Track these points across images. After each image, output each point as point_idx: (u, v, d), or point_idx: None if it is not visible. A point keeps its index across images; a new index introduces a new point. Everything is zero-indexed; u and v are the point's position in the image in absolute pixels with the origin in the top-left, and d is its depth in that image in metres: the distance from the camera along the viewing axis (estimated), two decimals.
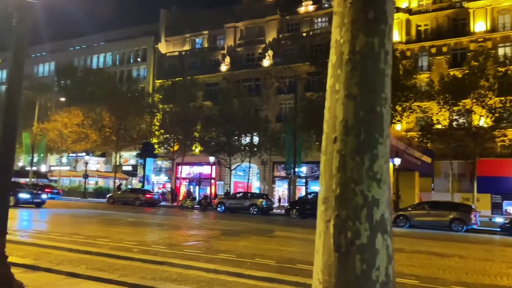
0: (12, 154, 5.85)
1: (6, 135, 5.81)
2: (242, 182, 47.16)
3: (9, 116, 5.86)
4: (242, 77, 50.05)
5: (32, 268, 7.73)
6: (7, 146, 5.78)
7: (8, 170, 5.77)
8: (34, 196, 25.80)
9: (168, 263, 8.89)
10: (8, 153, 5.76)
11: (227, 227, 18.28)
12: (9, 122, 5.83)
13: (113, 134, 45.14)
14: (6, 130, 5.81)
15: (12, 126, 5.84)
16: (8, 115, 5.85)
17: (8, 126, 5.81)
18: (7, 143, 5.79)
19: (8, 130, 5.81)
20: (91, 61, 63.02)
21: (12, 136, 5.86)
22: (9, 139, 5.82)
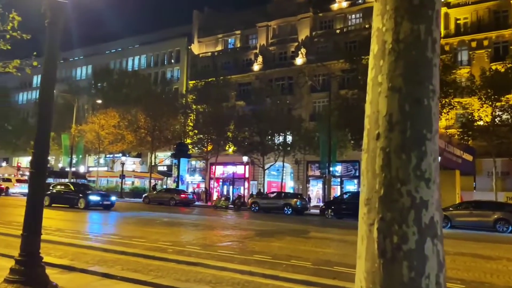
0: (46, 155, 5.82)
1: (40, 136, 5.79)
2: (275, 181, 46.91)
3: (43, 118, 5.83)
4: (275, 76, 49.80)
5: (68, 268, 7.74)
6: (40, 147, 5.76)
7: (42, 171, 5.75)
8: (104, 199, 25.34)
9: (203, 264, 8.76)
10: (41, 154, 5.74)
11: (261, 228, 18.08)
12: (42, 124, 5.81)
13: (148, 135, 45.82)
14: (40, 131, 5.79)
15: (45, 127, 5.82)
16: (41, 116, 5.83)
17: (42, 127, 5.79)
18: (40, 145, 5.77)
19: (42, 132, 5.79)
20: (127, 63, 64.26)
21: (46, 137, 5.84)
22: (42, 140, 5.80)
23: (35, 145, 5.76)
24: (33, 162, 5.73)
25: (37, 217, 5.73)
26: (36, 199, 5.72)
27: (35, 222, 5.70)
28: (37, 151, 5.71)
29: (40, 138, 5.77)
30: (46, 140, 5.82)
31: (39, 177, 5.72)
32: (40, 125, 5.79)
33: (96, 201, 24.61)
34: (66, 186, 27.13)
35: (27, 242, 5.61)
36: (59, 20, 5.87)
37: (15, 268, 5.47)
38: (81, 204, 24.16)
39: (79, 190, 25.88)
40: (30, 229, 5.65)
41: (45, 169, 5.85)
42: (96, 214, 21.46)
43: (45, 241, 10.04)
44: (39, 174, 5.71)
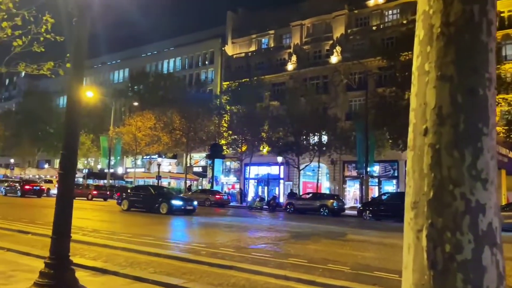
0: (75, 156, 5.70)
1: (69, 137, 5.67)
2: (311, 182, 46.38)
3: (71, 118, 5.72)
4: (309, 75, 49.22)
5: (100, 271, 7.64)
6: (69, 148, 5.63)
7: (70, 172, 5.63)
8: (186, 203, 23.65)
9: (236, 268, 8.50)
10: (70, 155, 5.62)
11: (297, 229, 17.68)
12: (71, 124, 5.69)
13: (184, 136, 46.26)
14: (68, 132, 5.67)
15: (74, 128, 5.69)
16: (69, 117, 5.72)
17: (70, 128, 5.67)
18: (69, 145, 5.65)
19: (70, 132, 5.67)
20: (162, 66, 65.19)
21: (74, 138, 5.72)
22: (71, 141, 5.68)
23: (64, 146, 5.64)
24: (62, 163, 5.62)
25: (67, 219, 5.61)
26: (65, 200, 5.61)
27: (64, 224, 5.59)
28: (66, 152, 5.60)
29: (68, 139, 5.66)
30: (74, 140, 5.70)
31: (67, 178, 5.60)
32: (68, 125, 5.67)
33: (179, 206, 22.91)
34: (146, 190, 25.51)
35: (57, 245, 5.50)
36: (86, 18, 5.75)
37: (44, 271, 5.37)
38: (163, 209, 22.45)
39: (160, 194, 24.28)
40: (60, 231, 5.55)
41: (74, 170, 5.73)
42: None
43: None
44: (67, 175, 5.59)
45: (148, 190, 25.14)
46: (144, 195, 24.28)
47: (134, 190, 26.42)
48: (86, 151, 55.48)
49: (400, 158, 39.83)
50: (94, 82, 70.32)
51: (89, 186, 38.94)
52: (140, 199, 24.12)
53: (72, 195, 5.73)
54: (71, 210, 5.67)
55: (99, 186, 39.66)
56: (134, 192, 25.64)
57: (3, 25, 8.43)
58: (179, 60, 64.08)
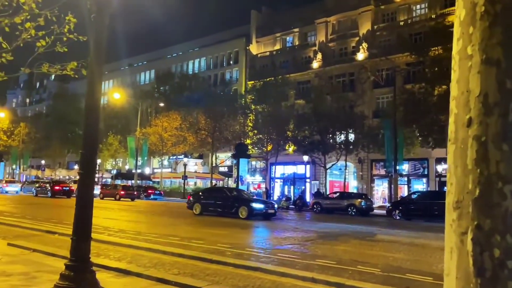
0: (94, 155, 5.56)
1: (88, 136, 5.54)
2: (338, 181, 45.80)
3: (90, 116, 5.58)
4: (335, 73, 48.59)
5: (124, 272, 7.52)
6: (89, 148, 5.50)
7: (90, 172, 5.49)
8: (268, 206, 21.57)
9: (262, 269, 8.25)
10: (90, 154, 5.48)
11: (324, 229, 17.29)
12: (90, 123, 5.56)
13: (209, 136, 46.38)
14: (88, 131, 5.54)
15: (93, 126, 5.56)
16: (89, 115, 5.59)
17: (90, 126, 5.53)
18: (89, 145, 5.52)
19: (89, 131, 5.54)
20: (187, 67, 65.63)
21: (94, 136, 5.58)
22: (91, 140, 5.54)
23: (83, 145, 5.51)
24: (82, 162, 5.48)
25: (87, 220, 5.47)
26: (85, 201, 5.47)
27: (84, 226, 5.45)
28: (86, 152, 5.46)
29: (88, 138, 5.52)
30: (94, 139, 5.56)
31: (87, 178, 5.46)
32: (87, 123, 5.54)
33: (260, 209, 20.78)
34: (221, 192, 24.02)
35: (77, 246, 5.36)
36: (105, 15, 5.60)
37: (65, 273, 5.24)
38: (242, 213, 20.46)
39: (238, 197, 22.31)
40: (80, 233, 5.41)
41: (93, 170, 5.59)
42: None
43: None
44: (87, 175, 5.45)
45: (223, 193, 23.66)
46: (219, 198, 22.37)
47: (207, 192, 24.92)
48: (114, 152, 56.34)
49: (430, 156, 38.81)
50: (121, 84, 71.41)
51: (117, 187, 39.42)
52: (214, 202, 22.25)
53: (92, 195, 5.59)
54: (91, 211, 5.53)
55: (126, 187, 40.10)
56: (207, 194, 23.85)
57: (26, 26, 8.42)
58: (204, 60, 64.36)
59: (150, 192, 43.05)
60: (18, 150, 65.12)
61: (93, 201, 5.61)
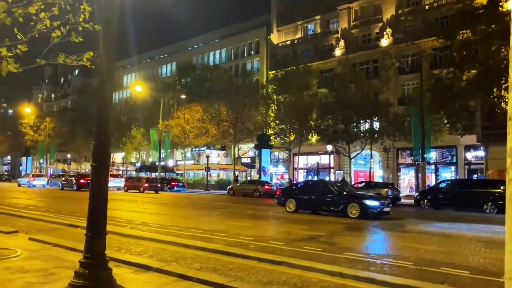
0: (107, 146, 5.24)
1: (101, 126, 5.23)
2: (362, 171, 45.08)
3: (103, 105, 5.28)
4: (358, 60, 47.59)
5: (144, 268, 7.26)
6: (102, 138, 5.20)
7: (104, 164, 5.18)
8: (383, 203, 17.50)
9: (287, 264, 7.88)
10: (103, 145, 5.17)
11: (350, 220, 16.77)
12: (102, 111, 5.25)
13: (231, 127, 46.14)
14: (101, 121, 5.24)
15: (105, 116, 5.24)
16: (101, 103, 5.28)
17: (102, 116, 5.23)
18: (101, 134, 5.22)
19: (102, 120, 5.23)
20: (208, 58, 65.49)
21: (106, 126, 5.26)
22: (103, 129, 5.24)
23: (96, 136, 5.21)
24: (94, 154, 5.19)
25: (101, 215, 5.19)
26: (99, 195, 5.18)
27: (99, 221, 5.18)
28: (98, 143, 5.16)
29: (100, 128, 5.21)
30: (106, 130, 5.25)
31: (101, 170, 5.16)
32: (100, 113, 5.23)
33: (375, 207, 17.10)
34: (321, 186, 19.70)
35: (91, 243, 5.10)
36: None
37: (79, 271, 4.98)
38: (351, 212, 17.16)
39: (346, 193, 18.71)
40: (94, 228, 5.14)
41: (107, 162, 5.29)
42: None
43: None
44: (101, 168, 5.15)
45: (324, 187, 19.28)
46: (320, 193, 18.72)
47: (304, 187, 21.61)
48: (137, 145, 56.77)
49: (458, 143, 37.65)
50: (143, 77, 71.86)
51: (141, 179, 39.63)
52: (315, 198, 18.78)
53: (106, 189, 5.29)
54: (105, 206, 5.24)
55: (150, 179, 40.28)
56: (305, 189, 20.51)
57: (41, 16, 8.18)
58: (225, 51, 64.03)
59: (173, 184, 43.17)
60: (44, 145, 66.34)
61: (107, 195, 5.32)
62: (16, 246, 8.97)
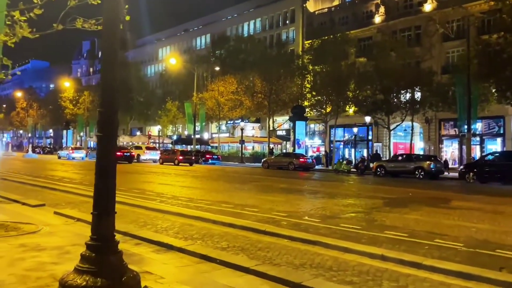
0: (114, 116, 4.58)
1: (106, 92, 4.57)
2: (402, 143, 43.56)
3: (108, 69, 4.60)
4: (399, 27, 45.24)
5: (166, 247, 6.73)
6: (108, 106, 4.55)
7: (111, 134, 4.54)
8: None
9: (322, 243, 7.17)
10: (110, 114, 4.53)
11: (391, 195, 15.84)
12: (107, 77, 4.58)
13: (265, 99, 45.27)
14: (106, 85, 4.58)
15: (111, 80, 4.58)
16: (106, 68, 4.60)
17: (107, 81, 4.56)
18: (108, 102, 4.56)
19: (107, 87, 4.57)
20: (242, 29, 64.35)
21: (113, 92, 4.60)
22: (109, 96, 4.58)
23: (101, 103, 4.57)
24: (100, 123, 4.55)
25: (109, 192, 4.58)
26: (105, 169, 4.56)
27: (107, 198, 4.57)
28: (104, 110, 4.51)
29: (106, 94, 4.56)
30: (113, 96, 4.58)
31: (107, 141, 4.52)
32: (105, 78, 4.57)
33: None
34: None
35: (98, 223, 4.50)
36: None
37: (85, 254, 4.42)
38: None
39: None
40: (101, 206, 4.54)
41: (114, 132, 4.63)
42: None
43: None
44: (107, 138, 4.52)
45: None
46: None
47: None
48: (173, 118, 56.96)
49: (506, 114, 35.48)
50: (177, 50, 71.59)
51: (176, 152, 39.64)
52: None
53: (114, 162, 4.67)
54: (113, 181, 4.62)
55: (184, 152, 40.28)
56: None
57: None
58: (259, 21, 62.60)
59: (208, 157, 43.09)
60: (83, 118, 67.75)
61: (115, 169, 4.70)
62: (38, 221, 8.68)
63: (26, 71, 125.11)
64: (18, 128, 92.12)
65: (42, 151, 70.50)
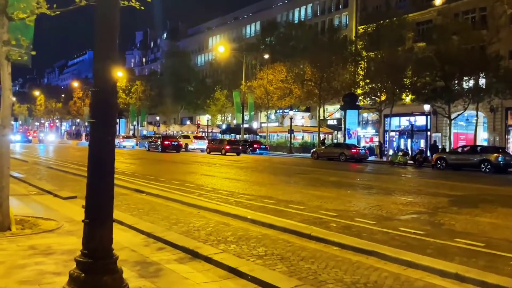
0: (111, 98, 3.54)
1: (100, 66, 3.56)
2: (463, 133, 40.67)
3: (102, 38, 3.58)
4: (462, 9, 41.86)
5: (191, 254, 5.71)
6: (103, 84, 3.54)
7: (107, 122, 3.54)
8: None
9: (378, 254, 5.92)
10: (106, 94, 3.52)
11: (456, 192, 14.09)
12: (102, 47, 3.57)
13: (316, 87, 43.63)
14: (100, 59, 3.57)
15: (107, 52, 3.56)
16: (101, 36, 3.58)
17: (102, 53, 3.55)
18: (102, 81, 3.55)
19: (102, 59, 3.56)
20: (293, 15, 62.80)
21: (109, 68, 3.58)
22: (105, 74, 3.55)
23: (95, 82, 3.57)
24: (94, 105, 3.57)
25: (104, 195, 3.58)
26: (100, 164, 3.56)
27: (100, 202, 3.57)
28: (99, 88, 3.51)
29: (101, 65, 3.54)
30: (109, 72, 3.54)
31: (102, 129, 3.52)
32: (99, 45, 3.55)
33: None
34: None
35: (90, 234, 3.54)
36: None
37: (73, 274, 3.46)
38: None
39: None
40: (93, 213, 3.55)
41: (111, 118, 3.61)
42: None
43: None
44: (103, 126, 3.51)
45: None
46: None
47: None
48: (221, 107, 56.56)
49: None
50: (227, 39, 71.04)
51: (223, 141, 39.03)
52: None
53: (111, 156, 3.66)
54: (110, 179, 3.62)
55: (231, 141, 39.54)
56: None
57: None
58: (311, 7, 60.65)
59: (255, 146, 42.21)
60: (135, 107, 68.97)
61: (113, 164, 3.70)
62: (63, 216, 8.00)
63: (84, 62, 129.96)
64: (75, 117, 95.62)
65: None
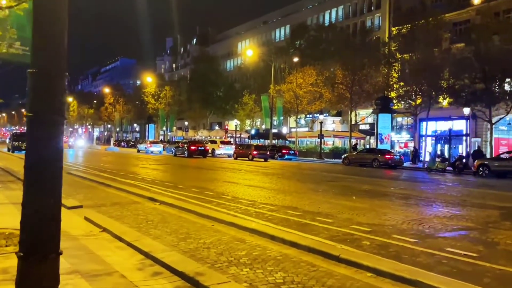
0: (57, 80, 2.56)
1: (40, 36, 2.57)
2: (505, 138, 38.59)
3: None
4: (503, 8, 39.74)
5: (191, 283, 4.70)
6: (43, 61, 2.54)
7: (49, 116, 2.55)
8: None
9: (423, 285, 4.71)
10: (46, 79, 2.53)
11: (507, 203, 12.58)
12: (44, 8, 2.59)
13: (347, 91, 42.17)
14: (39, 26, 2.58)
15: (50, 14, 2.58)
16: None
17: (45, 16, 2.58)
18: (43, 61, 2.56)
19: (42, 25, 2.57)
20: (323, 18, 61.63)
21: (54, 47, 2.57)
22: (46, 45, 2.56)
23: (32, 63, 2.57)
24: (31, 95, 2.58)
25: (45, 216, 2.57)
26: (39, 178, 2.55)
27: (40, 228, 2.57)
28: (37, 70, 2.53)
29: (39, 47, 2.55)
30: (54, 51, 2.55)
31: (44, 127, 2.54)
32: (37, 20, 2.56)
33: None
34: None
35: (24, 271, 2.54)
36: None
37: None
38: None
39: None
40: (29, 244, 2.54)
41: (57, 111, 2.61)
42: None
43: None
44: (42, 121, 2.53)
45: None
46: None
47: None
48: (249, 112, 55.70)
49: None
50: (256, 43, 70.35)
51: (250, 147, 38.04)
52: None
53: (58, 161, 2.64)
54: (56, 199, 2.61)
55: (259, 146, 38.50)
56: None
57: None
58: (342, 9, 59.23)
59: (284, 152, 41.07)
60: (164, 113, 69.07)
61: (60, 173, 2.69)
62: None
63: (116, 68, 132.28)
64: (107, 123, 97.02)
65: (126, 145, 73.21)
